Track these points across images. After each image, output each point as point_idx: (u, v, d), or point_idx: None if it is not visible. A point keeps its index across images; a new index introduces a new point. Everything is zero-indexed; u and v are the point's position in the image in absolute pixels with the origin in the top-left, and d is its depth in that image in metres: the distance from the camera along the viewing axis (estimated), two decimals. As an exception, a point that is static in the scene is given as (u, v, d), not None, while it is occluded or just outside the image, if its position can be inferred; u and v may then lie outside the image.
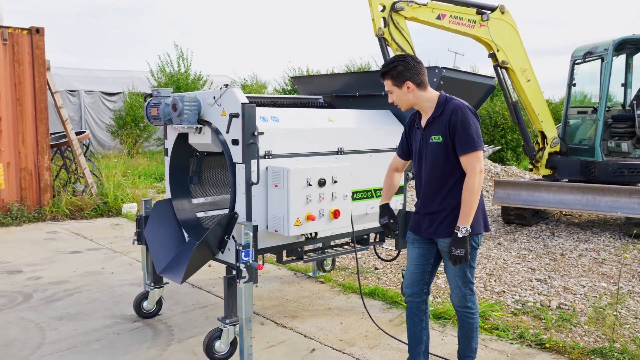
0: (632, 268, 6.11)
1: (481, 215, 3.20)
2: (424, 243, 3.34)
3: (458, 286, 3.26)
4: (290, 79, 19.17)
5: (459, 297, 3.28)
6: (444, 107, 3.14)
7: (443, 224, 3.17)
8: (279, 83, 23.38)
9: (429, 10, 7.40)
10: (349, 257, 6.47)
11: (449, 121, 3.08)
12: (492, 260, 6.45)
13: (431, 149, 3.18)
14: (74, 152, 9.50)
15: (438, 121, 3.14)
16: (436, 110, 3.17)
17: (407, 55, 3.22)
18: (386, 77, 3.22)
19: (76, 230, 8.08)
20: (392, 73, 3.18)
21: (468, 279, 3.24)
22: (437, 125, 3.14)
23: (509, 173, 12.87)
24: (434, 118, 3.17)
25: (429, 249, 3.34)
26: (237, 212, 3.65)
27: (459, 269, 3.21)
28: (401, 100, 3.23)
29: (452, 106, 3.11)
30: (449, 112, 3.10)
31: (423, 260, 3.34)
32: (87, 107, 20.61)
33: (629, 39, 8.20)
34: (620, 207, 7.37)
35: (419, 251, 3.35)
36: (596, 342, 4.10)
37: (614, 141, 8.58)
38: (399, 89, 3.19)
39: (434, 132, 3.15)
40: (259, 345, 4.02)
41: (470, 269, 3.23)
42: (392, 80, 3.20)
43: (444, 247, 3.20)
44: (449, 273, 3.29)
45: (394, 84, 3.20)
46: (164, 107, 3.92)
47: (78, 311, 4.76)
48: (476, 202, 3.03)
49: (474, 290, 3.29)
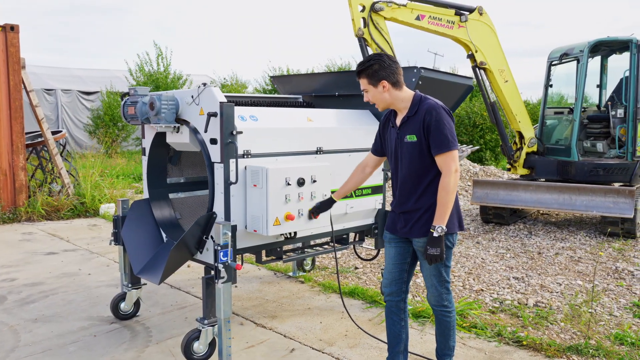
0: (607, 266, 6.22)
1: (455, 215, 3.21)
2: (400, 242, 3.35)
3: (434, 285, 3.27)
4: (270, 78, 19.14)
5: (435, 296, 3.29)
6: (419, 106, 3.15)
7: (418, 223, 3.18)
8: (259, 83, 23.33)
9: (408, 10, 7.44)
10: (328, 257, 6.47)
11: (423, 121, 3.08)
12: (470, 259, 6.51)
13: (406, 148, 3.18)
14: (50, 151, 9.35)
15: (412, 121, 3.15)
16: (411, 109, 3.17)
17: (383, 54, 3.22)
18: (362, 76, 3.22)
19: (52, 231, 7.95)
20: (367, 72, 3.19)
21: (444, 278, 3.25)
22: (412, 125, 3.15)
23: (487, 173, 13.01)
24: (408, 117, 3.17)
25: (406, 247, 3.35)
26: (216, 211, 3.62)
27: (434, 268, 3.23)
28: (376, 99, 3.24)
29: (427, 106, 3.11)
30: (423, 112, 3.10)
31: (400, 259, 3.36)
32: (64, 106, 20.32)
33: (603, 41, 8.34)
34: (596, 206, 7.49)
35: (396, 250, 3.36)
36: (572, 339, 4.16)
37: (590, 141, 8.72)
38: (374, 88, 3.20)
39: (408, 132, 3.16)
40: (238, 345, 4.00)
41: (445, 268, 3.24)
42: (367, 79, 3.20)
43: (419, 246, 3.21)
44: (424, 272, 3.29)
45: (370, 83, 3.20)
46: (141, 106, 3.88)
47: (54, 313, 4.69)
48: (452, 202, 3.04)
49: (450, 289, 3.31)
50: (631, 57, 8.04)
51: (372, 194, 4.49)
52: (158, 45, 20.75)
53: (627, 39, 8.11)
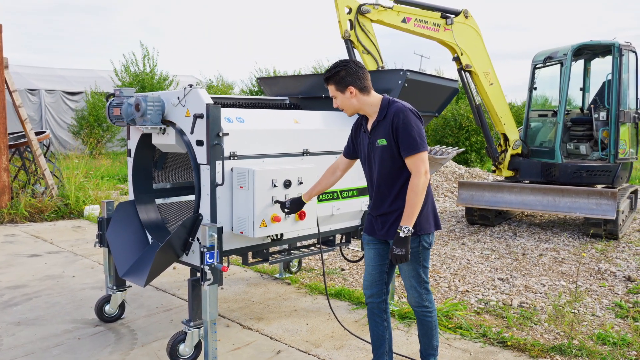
0: (590, 267, 6.30)
1: (432, 215, 3.23)
2: (379, 244, 3.37)
3: (413, 286, 3.29)
4: (256, 80, 19.18)
5: (415, 297, 3.32)
6: (387, 110, 3.16)
7: (394, 225, 3.18)
8: (245, 84, 23.27)
9: (395, 13, 7.48)
10: (315, 259, 6.48)
11: (392, 124, 3.10)
12: (456, 260, 6.55)
13: (378, 152, 3.19)
14: (34, 152, 9.24)
15: (382, 125, 3.16)
16: (379, 113, 3.19)
17: (349, 60, 3.24)
18: (330, 82, 3.24)
19: (36, 232, 7.86)
20: (335, 78, 3.20)
21: (422, 279, 3.28)
22: (382, 129, 3.16)
23: (472, 174, 13.10)
24: (378, 122, 3.19)
25: (385, 249, 3.36)
26: (202, 213, 3.61)
27: (413, 270, 3.25)
28: (345, 105, 3.25)
29: (394, 109, 3.13)
30: (391, 115, 3.11)
31: (379, 260, 3.37)
32: (47, 107, 20.12)
33: (587, 44, 8.45)
34: (579, 207, 7.58)
35: (375, 252, 3.38)
36: (556, 340, 4.21)
37: (573, 144, 8.83)
38: (342, 94, 3.22)
39: (379, 136, 3.17)
40: (224, 347, 3.98)
41: (423, 269, 3.26)
42: (335, 85, 3.22)
43: None
44: (403, 275, 3.32)
45: (337, 89, 3.22)
46: (126, 107, 3.85)
47: (37, 316, 4.63)
48: (419, 203, 3.03)
49: (429, 289, 3.34)
50: (613, 61, 8.15)
51: (358, 196, 4.51)
52: (144, 46, 20.66)
53: (610, 43, 8.22)
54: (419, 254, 3.21)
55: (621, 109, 8.10)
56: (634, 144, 8.70)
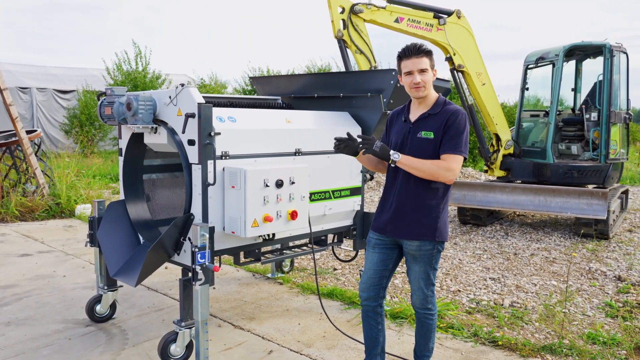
0: (581, 267, 6.33)
1: (446, 225, 3.22)
2: (385, 248, 3.31)
3: (421, 288, 3.26)
4: (249, 79, 19.20)
5: (421, 299, 3.28)
6: (443, 107, 3.15)
7: (413, 224, 3.15)
8: (238, 83, 23.19)
9: (388, 13, 7.49)
10: (307, 258, 6.48)
11: (447, 120, 3.08)
12: (448, 260, 6.57)
13: (417, 143, 3.14)
14: (25, 151, 9.18)
15: (433, 118, 3.13)
16: (434, 107, 3.16)
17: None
18: (426, 55, 3.13)
19: (26, 232, 7.81)
20: (431, 53, 3.15)
21: (430, 281, 3.26)
22: (432, 122, 3.13)
23: (465, 174, 13.15)
24: (429, 114, 3.15)
25: (390, 254, 3.32)
26: (193, 213, 3.60)
27: (424, 272, 3.21)
28: (429, 81, 3.15)
29: (454, 108, 3.13)
30: (448, 113, 3.10)
31: (382, 265, 3.33)
32: (39, 105, 19.99)
33: (578, 45, 8.50)
34: (570, 207, 7.62)
35: (380, 256, 3.32)
36: (546, 339, 4.23)
37: (565, 144, 8.88)
38: (432, 70, 3.16)
39: (425, 128, 3.13)
40: (216, 347, 3.98)
41: (433, 271, 3.25)
42: (429, 60, 3.14)
43: (410, 249, 3.19)
44: (412, 276, 3.28)
45: (431, 64, 3.15)
46: (118, 107, 3.84)
47: (27, 316, 4.60)
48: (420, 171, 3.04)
49: (435, 292, 3.33)
50: (605, 62, 8.20)
51: (350, 196, 4.51)
52: (137, 45, 20.55)
53: (601, 44, 8.27)
54: (432, 256, 3.20)
55: (612, 110, 8.15)
56: (624, 144, 8.76)
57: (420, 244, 3.16)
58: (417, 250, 3.18)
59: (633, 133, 25.73)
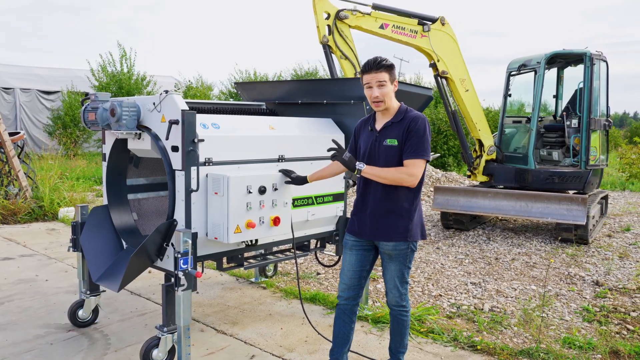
0: (560, 271, 6.44)
1: (420, 224, 3.38)
2: (362, 249, 3.44)
3: (396, 286, 3.40)
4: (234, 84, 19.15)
5: (397, 296, 3.42)
6: (405, 115, 3.28)
7: (387, 226, 3.29)
8: (225, 85, 23.22)
9: (373, 19, 7.56)
10: (291, 263, 6.51)
11: (408, 127, 3.21)
12: (430, 265, 6.64)
13: (383, 150, 3.28)
14: (7, 153, 9.11)
15: (396, 126, 3.27)
16: (397, 116, 3.30)
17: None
18: (384, 70, 3.24)
19: (8, 235, 7.75)
20: (391, 66, 3.27)
21: (405, 279, 3.41)
22: (395, 130, 3.26)
23: (449, 179, 13.26)
24: (392, 123, 3.29)
25: (367, 255, 3.45)
26: (176, 219, 3.62)
27: (398, 270, 3.36)
28: (388, 94, 3.27)
29: (414, 115, 3.26)
30: (409, 119, 3.24)
31: (360, 266, 3.45)
32: (22, 106, 19.81)
33: (559, 53, 8.64)
34: (551, 213, 7.74)
35: (357, 257, 3.45)
36: (524, 343, 4.31)
37: (546, 150, 9.02)
38: (391, 83, 3.29)
39: (390, 136, 3.27)
40: (198, 352, 4.00)
41: (407, 270, 3.40)
42: (389, 74, 3.26)
43: (386, 249, 3.33)
44: (387, 275, 3.42)
45: (390, 77, 3.27)
46: (102, 112, 3.85)
47: (8, 321, 4.58)
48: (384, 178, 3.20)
49: (408, 289, 3.46)
50: (585, 70, 8.35)
51: (333, 202, 4.56)
52: (122, 46, 20.42)
53: (582, 52, 8.42)
54: (406, 255, 3.34)
55: (592, 117, 8.30)
56: (604, 150, 8.92)
57: (396, 244, 3.31)
58: (392, 250, 3.32)
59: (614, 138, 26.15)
